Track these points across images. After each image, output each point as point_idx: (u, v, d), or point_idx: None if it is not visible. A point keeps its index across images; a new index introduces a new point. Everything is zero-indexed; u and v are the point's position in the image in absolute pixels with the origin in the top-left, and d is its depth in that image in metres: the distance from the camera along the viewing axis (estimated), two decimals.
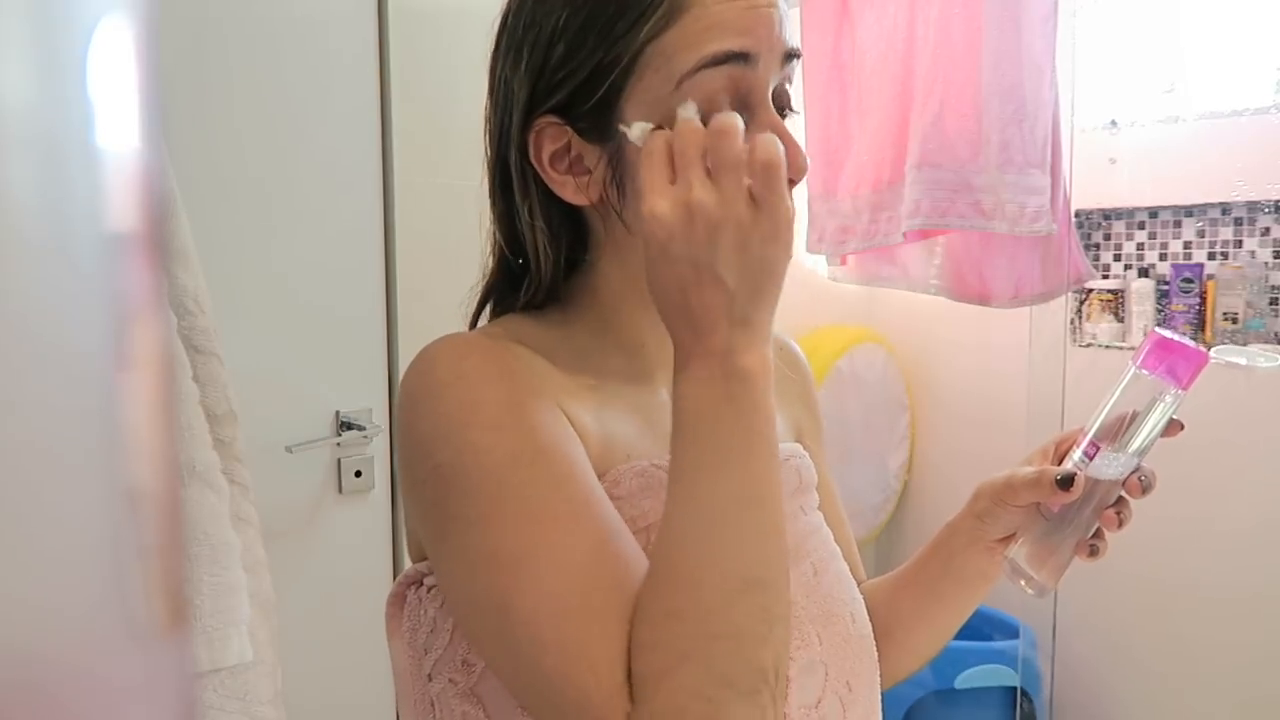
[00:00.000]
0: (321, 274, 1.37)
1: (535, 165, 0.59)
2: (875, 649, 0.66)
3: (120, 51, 0.20)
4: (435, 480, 0.53)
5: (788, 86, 0.60)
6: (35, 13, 0.19)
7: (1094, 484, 0.63)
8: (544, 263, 0.62)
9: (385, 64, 1.41)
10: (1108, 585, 1.96)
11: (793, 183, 0.56)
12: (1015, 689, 1.99)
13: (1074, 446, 0.65)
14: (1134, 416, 0.63)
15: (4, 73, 0.18)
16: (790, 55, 0.58)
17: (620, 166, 0.57)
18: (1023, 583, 0.65)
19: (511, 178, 0.61)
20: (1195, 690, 1.96)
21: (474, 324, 0.67)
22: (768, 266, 0.51)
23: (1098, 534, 0.64)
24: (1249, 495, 1.87)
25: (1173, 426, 0.63)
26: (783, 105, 0.59)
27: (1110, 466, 0.63)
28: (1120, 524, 0.63)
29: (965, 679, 1.97)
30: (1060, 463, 0.66)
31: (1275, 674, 1.85)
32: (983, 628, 2.10)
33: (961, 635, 0.73)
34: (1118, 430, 0.64)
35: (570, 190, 0.59)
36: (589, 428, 0.57)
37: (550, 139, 0.58)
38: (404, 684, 0.62)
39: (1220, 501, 1.89)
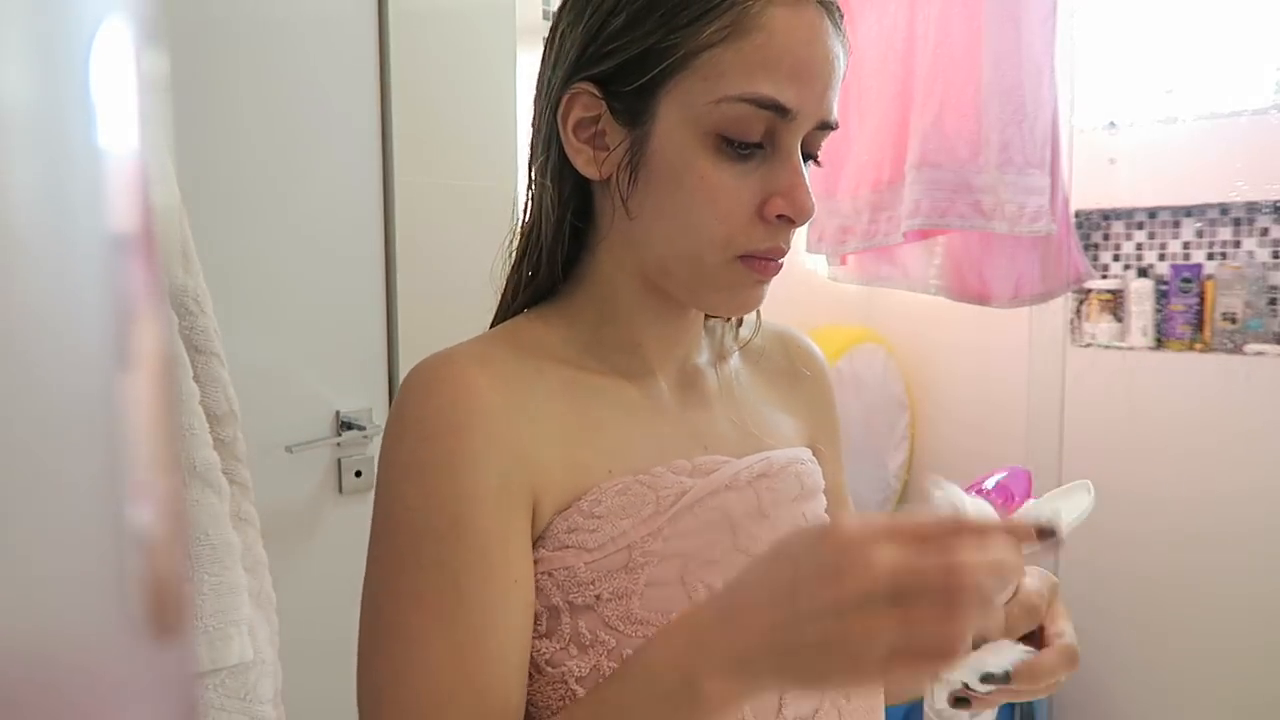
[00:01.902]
0: (321, 274, 1.37)
1: (559, 125, 0.58)
2: None
3: (121, 52, 0.20)
4: (376, 510, 0.57)
5: (819, 141, 0.60)
6: (36, 13, 0.19)
7: None
8: (545, 226, 0.61)
9: (385, 64, 1.41)
10: (1107, 585, 1.96)
11: (793, 223, 0.56)
12: None
13: None
14: None
15: (5, 73, 0.18)
16: (825, 126, 0.57)
17: (639, 155, 0.56)
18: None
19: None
20: (1194, 690, 1.96)
21: (499, 316, 0.66)
22: (842, 674, 0.42)
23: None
24: (1248, 497, 1.87)
25: None
26: (810, 153, 0.59)
27: None
28: None
29: None
30: None
31: (1274, 675, 1.85)
32: None
33: None
34: None
35: (583, 160, 0.58)
36: (554, 461, 0.56)
37: (582, 106, 0.58)
38: None
39: (1220, 503, 1.89)
